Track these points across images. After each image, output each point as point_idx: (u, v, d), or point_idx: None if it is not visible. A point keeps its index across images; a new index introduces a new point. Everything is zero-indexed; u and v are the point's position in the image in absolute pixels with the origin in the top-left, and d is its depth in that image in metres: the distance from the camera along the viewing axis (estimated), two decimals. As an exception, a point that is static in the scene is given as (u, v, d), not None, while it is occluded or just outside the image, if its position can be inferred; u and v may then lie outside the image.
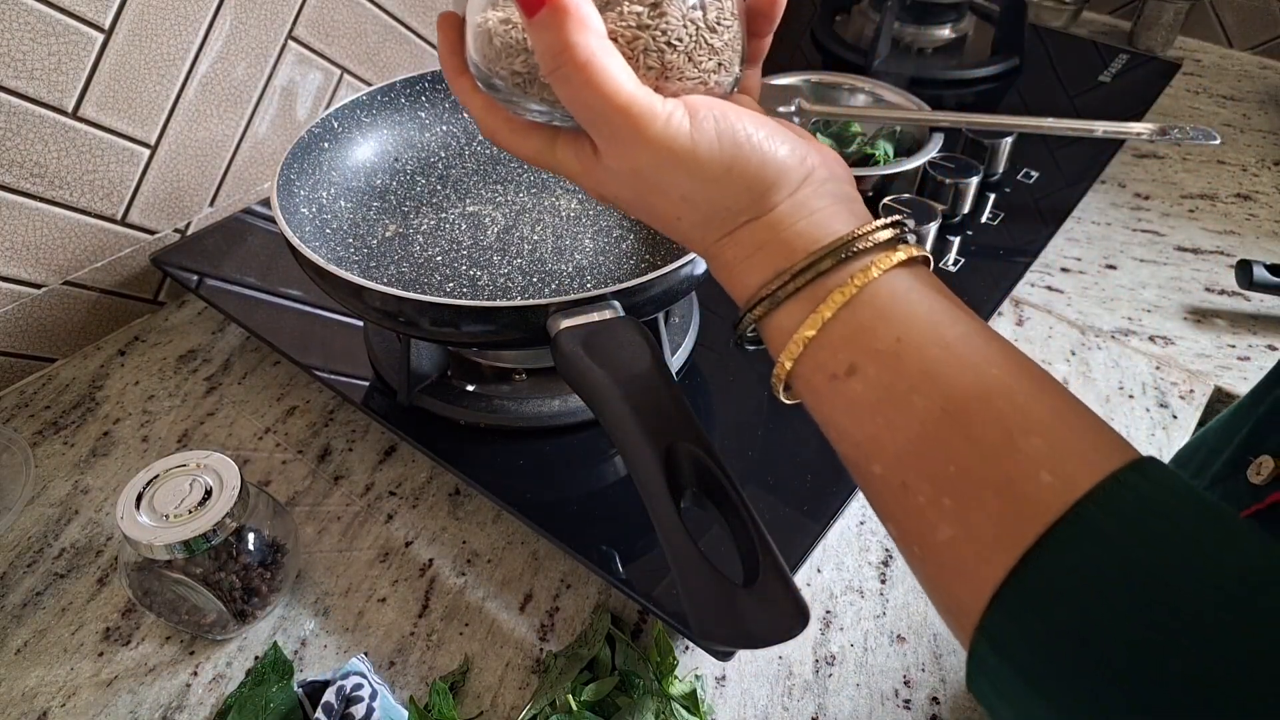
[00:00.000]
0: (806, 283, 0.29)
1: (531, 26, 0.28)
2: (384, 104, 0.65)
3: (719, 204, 0.30)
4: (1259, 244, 0.80)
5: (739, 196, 0.30)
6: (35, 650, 0.49)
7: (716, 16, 0.31)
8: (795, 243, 0.30)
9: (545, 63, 0.29)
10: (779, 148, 0.30)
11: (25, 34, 0.59)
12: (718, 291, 0.69)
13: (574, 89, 0.28)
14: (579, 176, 0.33)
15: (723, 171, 0.29)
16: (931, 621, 0.52)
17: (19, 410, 0.64)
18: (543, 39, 0.28)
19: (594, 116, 0.29)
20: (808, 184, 0.30)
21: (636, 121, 0.28)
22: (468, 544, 0.55)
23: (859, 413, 0.28)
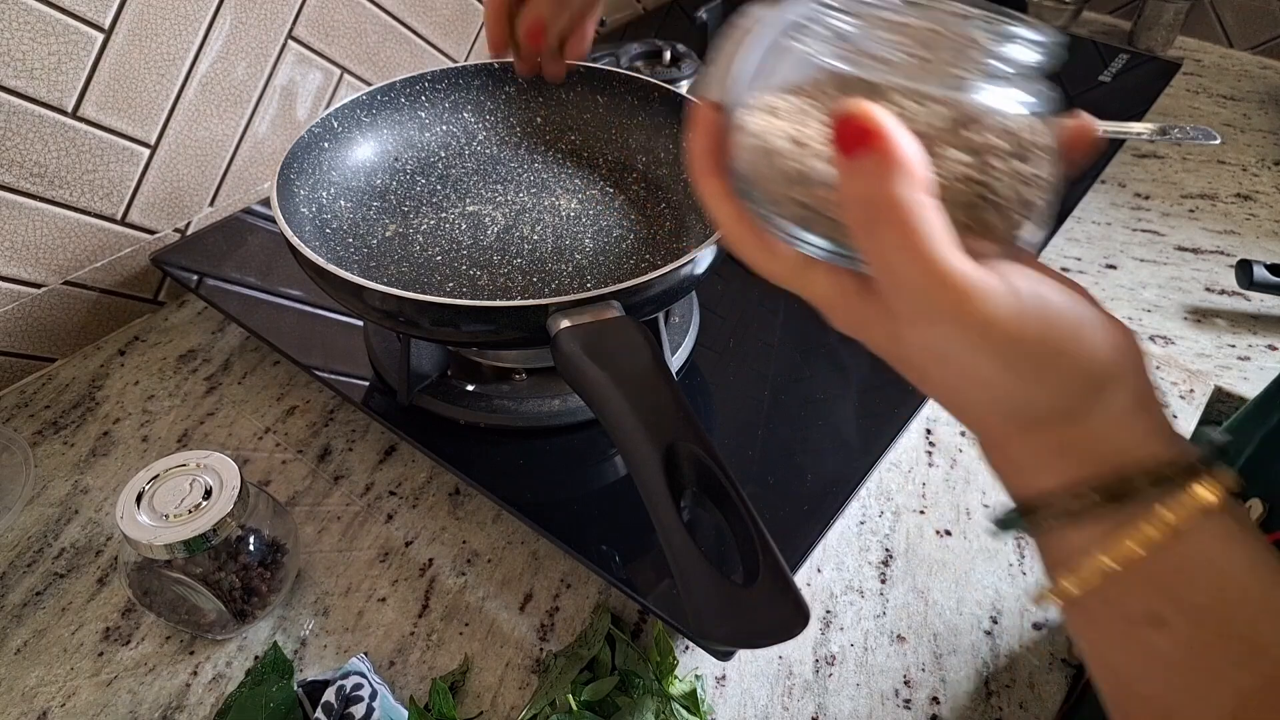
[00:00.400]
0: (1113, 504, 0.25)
1: (846, 167, 0.24)
2: (384, 104, 0.65)
3: (1025, 398, 0.25)
4: (1259, 244, 0.80)
5: (1052, 393, 0.25)
6: (35, 650, 0.49)
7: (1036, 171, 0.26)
8: (1107, 454, 0.25)
9: (855, 211, 0.25)
10: (1101, 338, 0.25)
11: (25, 33, 0.59)
12: (718, 291, 0.69)
13: (887, 250, 0.24)
14: (832, 310, 0.28)
15: (1042, 365, 0.25)
16: (931, 621, 0.52)
17: (19, 410, 0.64)
18: (860, 186, 0.24)
19: (902, 282, 0.25)
20: (1125, 384, 0.26)
21: (955, 298, 0.24)
22: (468, 544, 0.55)
23: (1154, 668, 0.24)
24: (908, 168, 0.23)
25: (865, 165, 0.23)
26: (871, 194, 0.24)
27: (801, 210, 0.27)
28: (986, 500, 0.58)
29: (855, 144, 0.23)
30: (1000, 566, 0.54)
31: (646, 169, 0.67)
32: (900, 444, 0.59)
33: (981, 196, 0.25)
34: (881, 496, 0.58)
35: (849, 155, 0.24)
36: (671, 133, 0.66)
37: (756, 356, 0.64)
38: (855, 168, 0.24)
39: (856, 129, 0.23)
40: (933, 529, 0.56)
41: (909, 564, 0.55)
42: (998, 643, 0.51)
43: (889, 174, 0.23)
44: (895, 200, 0.23)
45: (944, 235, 0.24)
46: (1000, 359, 0.25)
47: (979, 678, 0.49)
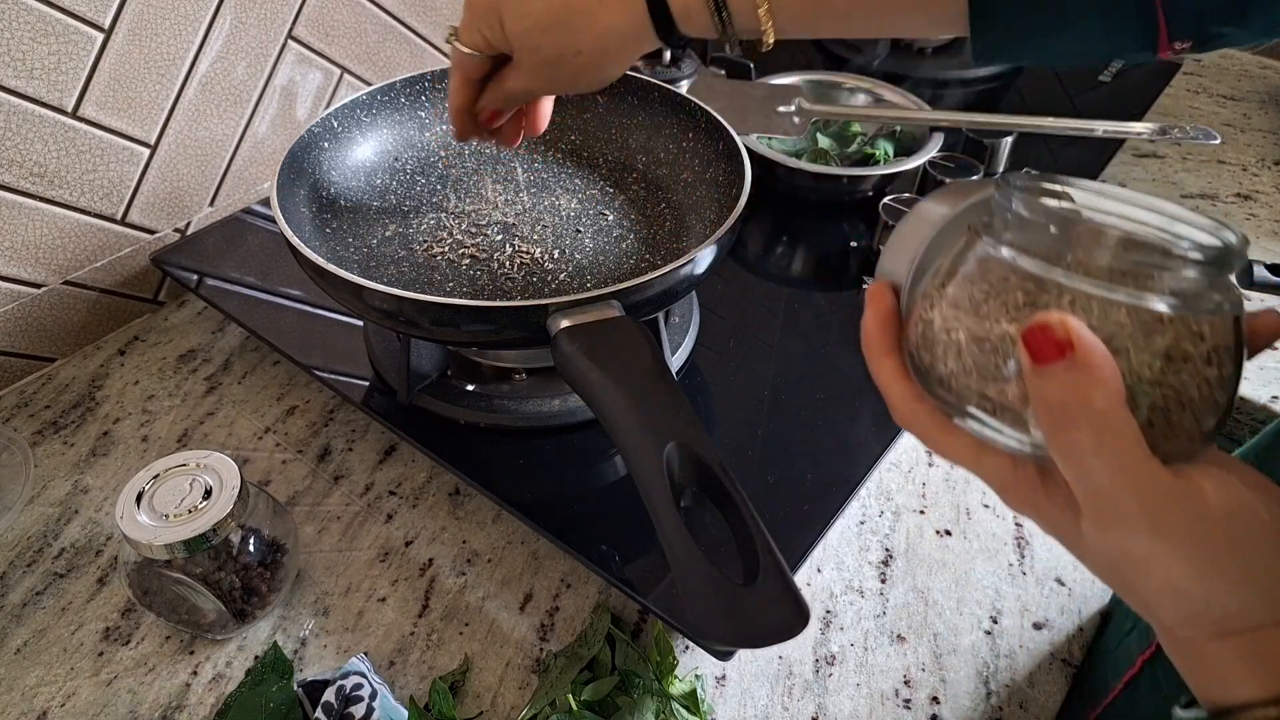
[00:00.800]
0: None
1: (1039, 372, 0.24)
2: (384, 104, 0.65)
3: (1222, 608, 0.25)
4: (1259, 244, 0.80)
5: (1251, 602, 0.25)
6: (35, 650, 0.49)
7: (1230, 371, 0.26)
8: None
9: (1047, 417, 0.25)
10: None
11: (25, 33, 0.59)
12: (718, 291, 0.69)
13: (1082, 456, 0.24)
14: (1006, 492, 0.28)
15: (1240, 574, 0.24)
16: (931, 621, 0.52)
17: (19, 410, 0.64)
18: (1052, 392, 0.24)
19: (1097, 488, 0.25)
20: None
21: (1152, 508, 0.24)
22: (468, 544, 0.55)
23: None
24: (1104, 377, 0.23)
25: (1059, 373, 0.24)
26: (1066, 401, 0.24)
27: (983, 401, 0.27)
28: (986, 500, 0.58)
29: (1050, 354, 0.24)
30: (1000, 566, 0.54)
31: (646, 169, 0.67)
32: (900, 444, 0.59)
33: (1170, 400, 0.25)
34: (881, 496, 0.58)
35: (1042, 364, 0.24)
36: (671, 133, 0.66)
37: (756, 356, 0.64)
38: (1049, 373, 0.24)
39: (1051, 339, 0.24)
40: (933, 529, 0.56)
41: (909, 564, 0.55)
42: (998, 643, 0.51)
43: (1084, 384, 0.23)
44: (1091, 410, 0.23)
45: (1139, 443, 0.24)
46: (1196, 568, 0.24)
47: (979, 678, 0.49)
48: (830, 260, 0.75)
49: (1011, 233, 0.27)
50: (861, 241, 0.76)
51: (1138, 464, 0.24)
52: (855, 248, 0.75)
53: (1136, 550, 0.25)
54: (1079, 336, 0.23)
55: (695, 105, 0.64)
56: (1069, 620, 0.52)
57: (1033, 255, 0.26)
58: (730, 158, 0.60)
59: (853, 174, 0.77)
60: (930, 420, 0.29)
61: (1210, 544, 0.24)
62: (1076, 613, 0.52)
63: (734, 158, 0.59)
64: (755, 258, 0.75)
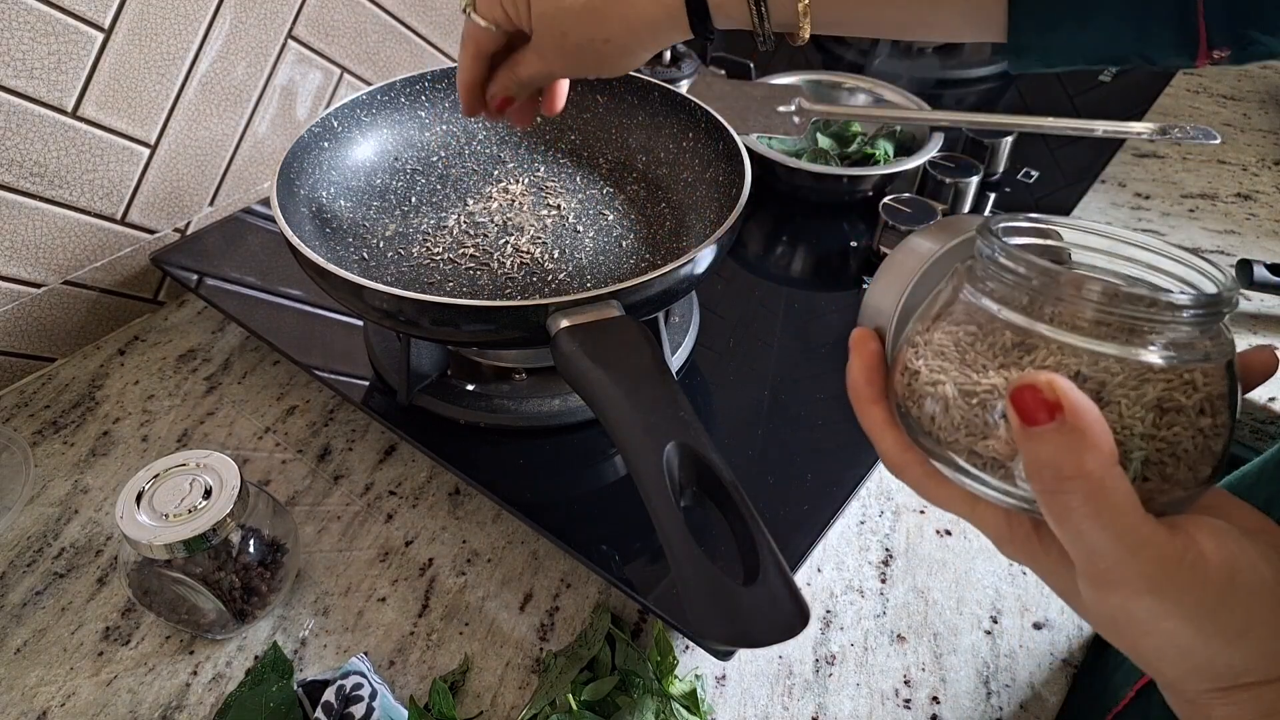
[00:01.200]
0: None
1: (1028, 434, 0.23)
2: (384, 103, 0.65)
3: (1225, 664, 0.25)
4: (1259, 243, 0.80)
5: (1250, 655, 0.24)
6: (35, 650, 0.49)
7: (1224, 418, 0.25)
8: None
9: (1039, 479, 0.24)
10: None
11: (25, 33, 0.59)
12: (718, 291, 0.69)
13: (1074, 518, 0.24)
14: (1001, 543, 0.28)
15: (1236, 628, 0.24)
16: (931, 621, 0.52)
17: (19, 410, 0.64)
18: (1043, 454, 0.23)
19: (1091, 549, 0.24)
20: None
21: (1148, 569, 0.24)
22: (468, 543, 0.55)
23: None
24: (1095, 440, 0.23)
25: (1049, 435, 0.23)
26: (1057, 464, 0.23)
27: (972, 456, 0.26)
28: (986, 500, 0.58)
29: (1039, 416, 0.23)
30: (1000, 566, 0.54)
31: (646, 169, 0.67)
32: (900, 444, 0.59)
33: (1164, 453, 0.25)
34: (881, 496, 0.58)
35: (1031, 425, 0.23)
36: (671, 132, 0.66)
37: (756, 356, 0.64)
38: (1038, 435, 0.23)
39: (1040, 401, 0.23)
40: (933, 529, 0.56)
41: (909, 564, 0.55)
42: (998, 643, 0.51)
43: (1075, 447, 0.23)
44: (1083, 472, 0.23)
45: (1131, 503, 0.23)
46: (1195, 626, 0.24)
47: (979, 678, 0.49)
48: (830, 260, 0.75)
49: (994, 282, 0.26)
50: (861, 241, 0.76)
51: (1133, 526, 0.23)
52: (855, 248, 0.75)
53: (1136, 611, 0.25)
54: (1068, 398, 0.23)
55: (695, 105, 0.64)
56: (1069, 620, 0.52)
57: (1016, 308, 0.25)
58: (730, 157, 0.60)
59: (853, 174, 0.77)
60: (921, 469, 0.29)
61: (1210, 603, 0.24)
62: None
63: (734, 157, 0.59)
64: (755, 258, 0.75)
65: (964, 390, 0.26)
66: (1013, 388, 0.24)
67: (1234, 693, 0.25)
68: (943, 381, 0.27)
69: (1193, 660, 0.25)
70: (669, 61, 0.90)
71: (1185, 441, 0.25)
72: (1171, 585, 0.24)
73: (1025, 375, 0.24)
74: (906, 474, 0.30)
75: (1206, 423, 0.25)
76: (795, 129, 0.68)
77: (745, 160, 0.58)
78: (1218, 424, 0.25)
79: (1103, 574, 0.25)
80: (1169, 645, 0.25)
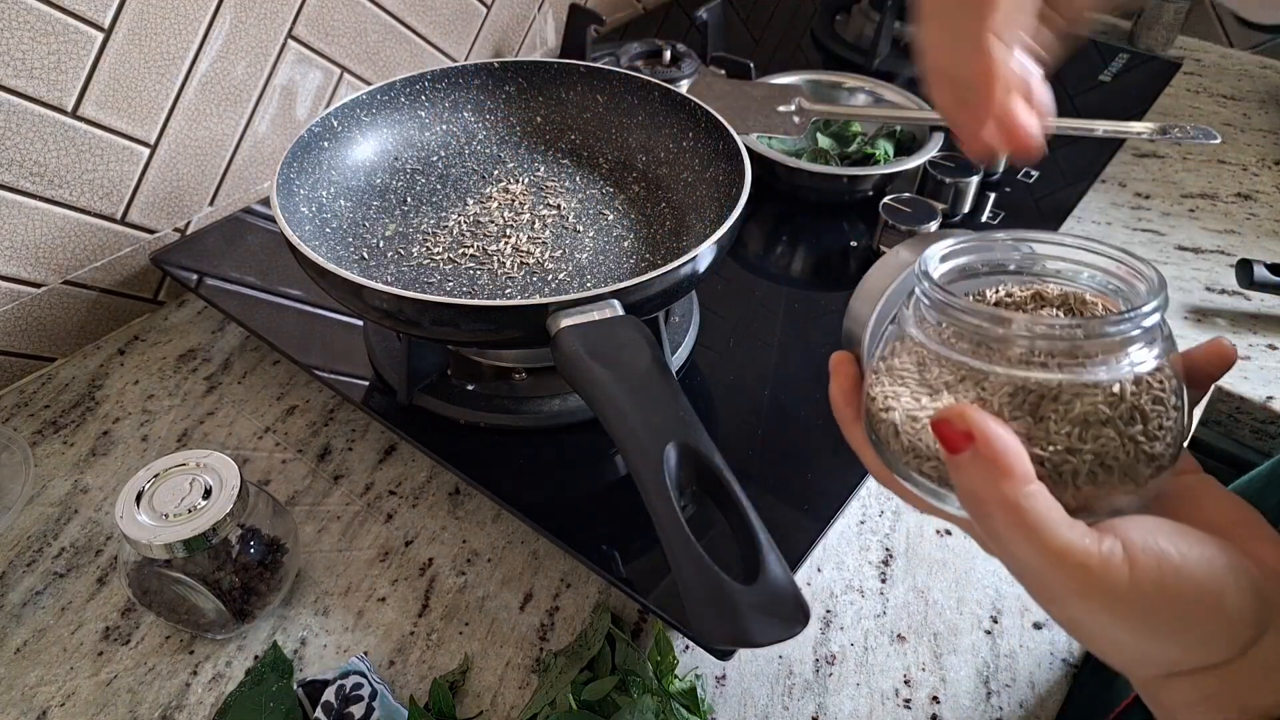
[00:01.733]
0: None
1: (952, 463, 0.26)
2: (384, 103, 0.65)
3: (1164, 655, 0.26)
4: (1259, 243, 0.80)
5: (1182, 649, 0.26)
6: (35, 649, 0.49)
7: (1159, 423, 0.26)
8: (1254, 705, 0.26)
9: (965, 502, 0.26)
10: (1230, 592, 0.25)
11: (25, 33, 0.59)
12: (718, 291, 0.69)
13: (996, 536, 0.26)
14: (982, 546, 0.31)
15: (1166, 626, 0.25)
16: (931, 621, 0.52)
17: (18, 410, 0.64)
18: (963, 480, 0.26)
19: (1020, 566, 0.26)
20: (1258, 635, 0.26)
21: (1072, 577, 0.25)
22: (468, 543, 0.55)
23: None
24: (1006, 466, 0.25)
25: (967, 463, 0.25)
26: (974, 488, 0.25)
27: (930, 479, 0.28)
28: (986, 500, 0.58)
29: (957, 444, 0.25)
30: (1000, 566, 0.54)
31: (646, 168, 0.67)
32: (900, 444, 0.59)
33: (1092, 464, 0.26)
34: (881, 496, 0.58)
35: (952, 453, 0.25)
36: (671, 132, 0.66)
37: (756, 356, 0.64)
38: (959, 464, 0.25)
39: (955, 431, 0.25)
40: (933, 528, 0.56)
41: (909, 563, 0.55)
42: (998, 643, 0.51)
43: (989, 473, 0.25)
44: (997, 495, 0.25)
45: (1052, 516, 0.25)
46: (1125, 624, 0.25)
47: (979, 678, 0.49)
48: (830, 260, 0.75)
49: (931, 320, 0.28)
50: (861, 241, 0.76)
51: (1053, 541, 0.25)
52: (855, 248, 0.75)
53: (1071, 614, 0.26)
54: (979, 428, 0.25)
55: (695, 105, 0.64)
56: (1069, 620, 0.52)
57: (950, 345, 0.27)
58: (730, 157, 0.60)
59: (853, 174, 0.77)
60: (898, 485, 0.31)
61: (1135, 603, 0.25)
62: (1076, 612, 0.52)
63: (734, 157, 0.59)
64: (755, 257, 0.75)
65: (910, 415, 0.28)
66: (933, 420, 0.26)
67: (1175, 679, 0.27)
68: (893, 408, 0.29)
69: (1131, 653, 0.27)
70: (669, 61, 0.90)
71: (1115, 450, 0.26)
72: (1093, 591, 0.25)
73: (943, 409, 0.26)
74: (889, 486, 0.32)
75: (1137, 429, 0.26)
76: (795, 129, 0.68)
77: (745, 160, 0.58)
78: (1151, 429, 0.26)
79: (1031, 583, 0.27)
80: (1106, 641, 0.27)
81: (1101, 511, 0.27)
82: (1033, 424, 0.26)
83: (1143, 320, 0.26)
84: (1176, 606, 0.25)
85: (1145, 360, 0.26)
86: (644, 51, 0.92)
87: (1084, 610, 0.26)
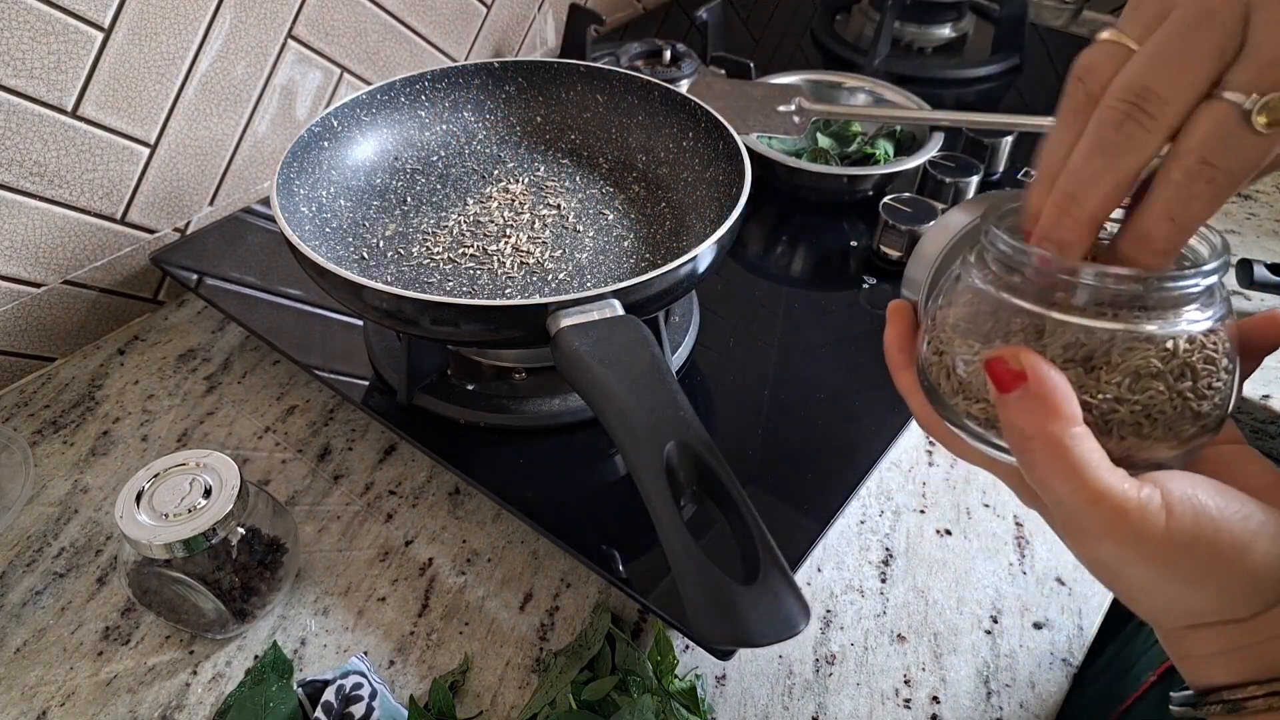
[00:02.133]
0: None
1: (1000, 401, 0.26)
2: (384, 103, 0.65)
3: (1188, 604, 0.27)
4: (1259, 243, 0.80)
5: (1214, 600, 0.26)
6: (35, 649, 0.49)
7: (1208, 382, 0.27)
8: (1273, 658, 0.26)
9: (1009, 438, 0.27)
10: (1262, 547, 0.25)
11: (25, 33, 0.59)
12: (718, 291, 0.69)
13: (1039, 473, 0.26)
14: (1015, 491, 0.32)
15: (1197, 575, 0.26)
16: (931, 621, 0.52)
17: (18, 409, 0.63)
18: (1010, 417, 0.26)
19: (1057, 503, 0.26)
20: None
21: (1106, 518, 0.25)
22: (467, 543, 0.55)
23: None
24: (1054, 405, 0.25)
25: (1015, 401, 0.26)
26: (1020, 424, 0.26)
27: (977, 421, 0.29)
28: (986, 500, 0.58)
29: (1008, 383, 0.26)
30: (1000, 566, 0.54)
31: (646, 168, 0.67)
32: (900, 443, 0.59)
33: (1138, 415, 0.27)
34: (881, 496, 0.58)
35: (1003, 392, 0.26)
36: (671, 132, 0.66)
37: (756, 356, 0.64)
38: (1008, 401, 0.26)
39: (1007, 370, 0.26)
40: (933, 528, 0.56)
41: (909, 563, 0.54)
42: (998, 643, 0.51)
43: (1038, 410, 0.26)
44: (1044, 434, 0.25)
45: (1094, 458, 0.25)
46: (1156, 570, 0.26)
47: (979, 677, 0.49)
48: (830, 260, 0.75)
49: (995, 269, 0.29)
50: (861, 241, 0.76)
51: (1093, 482, 0.25)
52: (855, 247, 0.75)
53: (1101, 556, 0.27)
54: (1032, 367, 0.26)
55: (695, 105, 0.64)
56: (1069, 620, 0.52)
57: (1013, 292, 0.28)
58: (730, 157, 0.60)
59: (853, 174, 0.77)
60: (944, 429, 0.31)
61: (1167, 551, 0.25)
62: (1076, 612, 0.52)
63: (734, 157, 0.59)
64: (755, 257, 0.75)
65: (964, 360, 0.29)
66: (987, 358, 0.27)
67: (1200, 629, 0.28)
68: (946, 353, 0.30)
69: (1159, 600, 0.28)
70: (669, 61, 0.90)
71: (1162, 404, 0.27)
72: (1128, 534, 0.25)
73: (998, 348, 0.27)
74: (933, 431, 0.32)
75: (1186, 385, 0.27)
76: (795, 129, 0.68)
77: (745, 160, 0.58)
78: (1200, 387, 0.27)
79: (1067, 523, 0.27)
80: (1136, 587, 0.27)
81: (1141, 464, 0.27)
82: (1084, 374, 0.27)
83: (1203, 279, 0.26)
84: (1207, 556, 0.25)
85: (1201, 320, 0.27)
86: (644, 51, 0.92)
87: (1115, 553, 0.26)
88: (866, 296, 0.70)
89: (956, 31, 1.07)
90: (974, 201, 0.36)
